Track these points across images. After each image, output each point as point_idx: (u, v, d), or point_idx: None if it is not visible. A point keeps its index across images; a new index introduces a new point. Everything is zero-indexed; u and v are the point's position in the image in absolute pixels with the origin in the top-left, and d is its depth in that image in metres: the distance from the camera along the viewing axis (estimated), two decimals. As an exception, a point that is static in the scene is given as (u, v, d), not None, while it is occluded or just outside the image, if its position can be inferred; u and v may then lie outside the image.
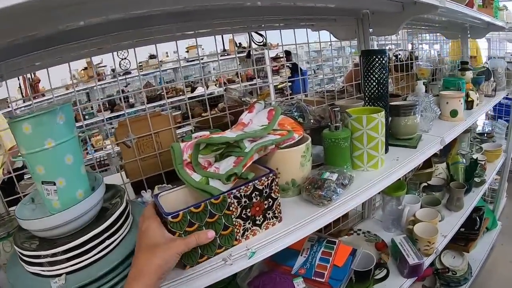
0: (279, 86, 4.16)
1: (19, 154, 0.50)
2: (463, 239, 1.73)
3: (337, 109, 0.76)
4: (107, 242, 0.51)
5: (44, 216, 0.47)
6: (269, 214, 0.59)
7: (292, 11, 1.05)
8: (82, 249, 0.48)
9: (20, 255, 0.51)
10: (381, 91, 0.88)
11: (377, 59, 0.86)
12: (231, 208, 0.54)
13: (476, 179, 1.57)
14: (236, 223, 0.55)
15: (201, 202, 0.50)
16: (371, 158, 0.81)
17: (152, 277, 0.43)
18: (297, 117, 0.86)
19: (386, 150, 0.94)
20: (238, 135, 0.61)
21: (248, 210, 0.56)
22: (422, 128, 1.09)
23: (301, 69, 2.93)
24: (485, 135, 2.03)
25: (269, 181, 0.57)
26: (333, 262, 0.91)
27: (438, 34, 2.08)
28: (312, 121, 0.91)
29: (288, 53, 3.53)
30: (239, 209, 0.55)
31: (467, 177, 1.52)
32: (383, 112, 0.80)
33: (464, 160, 1.58)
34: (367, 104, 0.92)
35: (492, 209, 2.07)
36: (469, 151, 1.70)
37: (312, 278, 0.87)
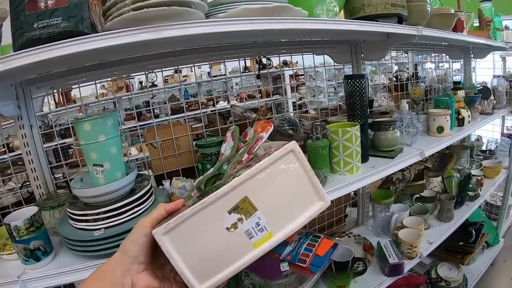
0: (297, 103, 4.37)
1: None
2: (461, 252, 1.80)
3: (317, 123, 0.95)
4: (135, 209, 0.72)
5: (94, 186, 0.70)
6: None
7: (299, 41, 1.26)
8: (117, 211, 0.70)
9: (71, 216, 0.73)
10: (360, 109, 1.05)
11: (356, 82, 1.03)
12: None
13: (470, 193, 1.66)
14: None
15: None
16: (347, 164, 0.98)
17: (118, 254, 0.42)
18: (288, 129, 1.05)
19: (366, 159, 1.11)
20: (215, 167, 0.81)
21: None
22: (404, 142, 1.24)
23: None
24: (488, 152, 2.09)
25: None
26: (315, 252, 1.06)
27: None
28: (302, 133, 1.10)
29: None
30: None
31: (459, 190, 1.62)
32: (358, 126, 0.97)
33: (458, 174, 1.67)
34: (349, 120, 1.09)
35: (495, 225, 2.11)
36: (466, 166, 1.79)
37: (296, 263, 1.03)
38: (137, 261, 0.41)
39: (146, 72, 1.21)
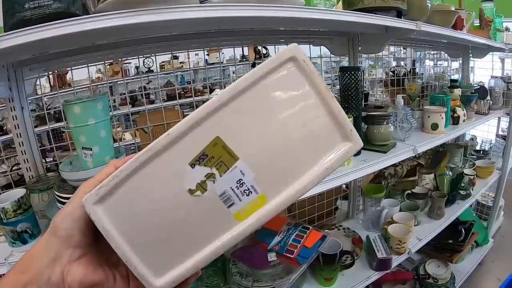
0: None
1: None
2: (449, 250, 1.82)
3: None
4: (122, 193, 0.72)
5: (83, 170, 0.70)
6: None
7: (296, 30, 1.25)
8: (105, 195, 0.70)
9: (59, 198, 0.73)
10: (355, 101, 1.05)
11: (352, 75, 1.03)
12: None
13: (461, 192, 1.67)
14: None
15: None
16: (338, 157, 0.98)
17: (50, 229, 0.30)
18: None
19: (358, 153, 1.10)
20: None
21: None
22: (398, 137, 1.24)
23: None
24: (482, 152, 2.10)
25: None
26: (303, 243, 1.07)
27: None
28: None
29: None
30: None
31: (451, 188, 1.63)
32: (351, 119, 0.97)
33: (451, 172, 1.68)
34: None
35: (485, 225, 2.13)
36: (459, 165, 1.80)
37: (284, 254, 1.04)
38: (70, 244, 0.29)
39: (143, 56, 1.19)
